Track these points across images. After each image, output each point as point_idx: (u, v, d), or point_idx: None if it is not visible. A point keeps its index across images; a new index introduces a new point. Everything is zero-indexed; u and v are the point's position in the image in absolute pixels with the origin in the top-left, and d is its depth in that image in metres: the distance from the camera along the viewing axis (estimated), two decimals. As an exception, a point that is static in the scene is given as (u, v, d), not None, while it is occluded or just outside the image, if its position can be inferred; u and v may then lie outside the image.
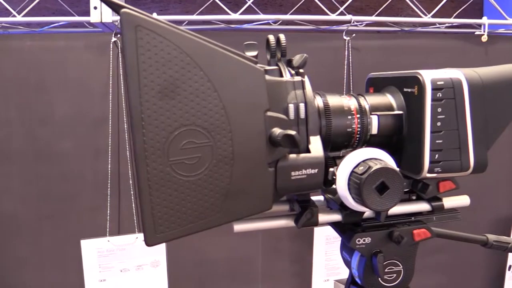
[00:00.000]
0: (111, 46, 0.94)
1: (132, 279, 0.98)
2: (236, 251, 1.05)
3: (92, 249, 0.95)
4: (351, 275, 0.49)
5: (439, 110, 0.43)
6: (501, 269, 1.15)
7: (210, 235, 1.03)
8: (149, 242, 0.34)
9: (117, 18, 0.91)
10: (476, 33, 1.08)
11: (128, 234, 0.98)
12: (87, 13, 0.89)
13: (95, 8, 0.89)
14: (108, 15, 0.89)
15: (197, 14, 1.00)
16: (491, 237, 0.53)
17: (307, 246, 1.04)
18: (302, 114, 0.41)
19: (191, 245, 1.03)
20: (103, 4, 0.88)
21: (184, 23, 1.06)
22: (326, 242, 1.02)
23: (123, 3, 0.34)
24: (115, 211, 1.00)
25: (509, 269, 1.14)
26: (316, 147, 0.41)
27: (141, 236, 0.98)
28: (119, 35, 0.94)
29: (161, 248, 0.98)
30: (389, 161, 0.42)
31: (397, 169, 0.40)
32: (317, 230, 1.02)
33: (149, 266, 0.99)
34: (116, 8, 0.33)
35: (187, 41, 0.34)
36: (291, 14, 1.00)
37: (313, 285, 1.04)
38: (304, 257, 1.05)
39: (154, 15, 0.93)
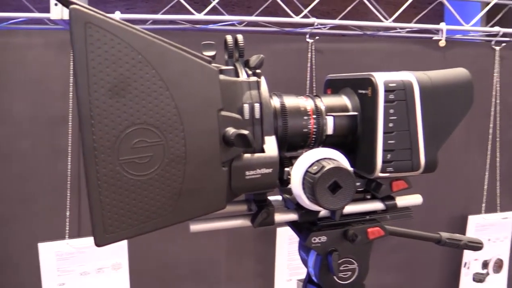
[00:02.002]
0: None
1: (93, 282, 0.96)
2: (199, 252, 1.04)
3: (50, 253, 0.93)
4: (308, 274, 0.50)
5: (391, 111, 0.44)
6: (456, 266, 1.19)
7: (173, 236, 1.02)
8: (99, 242, 0.34)
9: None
10: (434, 38, 1.11)
11: (89, 236, 0.96)
12: (48, 9, 0.86)
13: (56, 4, 0.87)
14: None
15: (162, 14, 0.99)
16: (445, 235, 0.55)
17: (270, 247, 1.04)
18: (257, 114, 0.41)
19: (154, 247, 1.02)
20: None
21: (149, 22, 1.05)
22: (289, 242, 1.03)
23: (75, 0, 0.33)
24: (75, 212, 0.98)
25: (464, 266, 1.18)
26: (270, 147, 0.42)
27: (102, 238, 0.96)
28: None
29: (123, 250, 0.97)
30: (343, 161, 0.42)
31: (350, 168, 0.41)
32: (280, 231, 1.02)
33: (110, 269, 0.97)
34: (66, 4, 0.32)
35: (138, 39, 0.34)
36: (256, 15, 1.01)
37: (275, 285, 1.05)
38: (267, 257, 1.05)
39: (118, 13, 0.91)
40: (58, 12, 0.87)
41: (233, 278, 1.07)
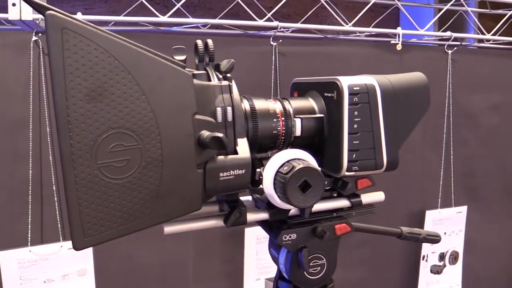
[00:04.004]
0: (32, 45, 0.90)
1: (57, 289, 0.94)
2: (167, 254, 1.04)
3: (12, 260, 0.90)
4: (279, 271, 0.52)
5: (356, 113, 0.47)
6: (416, 259, 1.25)
7: (139, 239, 1.01)
8: (78, 246, 0.34)
9: (38, 16, 0.87)
10: (391, 42, 1.16)
11: (52, 243, 0.94)
12: (5, 9, 0.84)
13: (14, 5, 0.84)
14: (28, 13, 0.85)
15: (124, 15, 0.98)
16: (405, 229, 0.59)
17: (238, 247, 1.05)
18: (230, 117, 0.43)
19: (120, 251, 1.01)
20: (22, 1, 0.84)
21: (111, 24, 1.04)
22: (256, 242, 1.05)
23: (46, 4, 0.33)
24: (37, 219, 0.95)
25: (423, 259, 1.24)
26: (243, 148, 0.43)
27: (66, 244, 0.95)
28: (40, 34, 0.90)
29: (88, 255, 0.95)
30: (311, 161, 0.45)
31: (319, 168, 0.43)
32: (248, 231, 1.04)
33: (76, 275, 0.95)
34: (40, 10, 0.32)
35: (114, 44, 0.34)
36: (220, 18, 1.02)
37: (244, 285, 1.06)
38: (236, 257, 1.07)
39: (79, 14, 0.90)
40: (16, 13, 0.85)
41: (202, 279, 1.08)
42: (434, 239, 0.59)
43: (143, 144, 0.36)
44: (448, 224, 1.26)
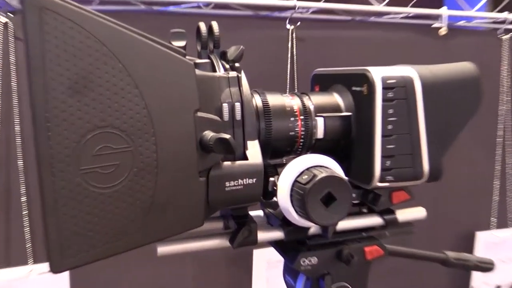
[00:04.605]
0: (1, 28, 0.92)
1: (26, 322, 0.95)
2: (160, 281, 1.05)
3: (-28, 286, 0.92)
4: (295, 303, 0.52)
5: (390, 111, 0.47)
6: (463, 291, 1.24)
7: (128, 261, 1.02)
8: (56, 268, 0.35)
9: (7, -7, 0.89)
10: (434, 25, 1.16)
11: (20, 266, 0.95)
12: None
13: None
14: (-5, -10, 0.87)
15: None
16: (451, 254, 0.59)
17: (246, 272, 1.06)
18: (238, 115, 0.43)
19: (104, 276, 1.02)
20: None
21: (97, 3, 1.05)
22: (267, 266, 1.05)
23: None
24: (2, 238, 0.97)
25: (471, 292, 1.24)
26: (254, 153, 0.44)
27: (37, 267, 0.96)
28: (10, 14, 0.92)
29: (64, 282, 0.96)
30: (336, 169, 0.45)
31: (345, 178, 0.43)
32: (257, 253, 1.04)
33: (48, 305, 0.96)
34: None
35: (103, 27, 0.35)
36: (225, -4, 1.03)
37: (252, 319, 1.07)
38: (242, 285, 1.07)
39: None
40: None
41: (200, 312, 1.08)
42: (486, 267, 0.59)
43: (134, 147, 0.37)
44: (504, 248, 1.25)
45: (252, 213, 0.51)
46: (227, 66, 0.46)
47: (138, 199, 0.37)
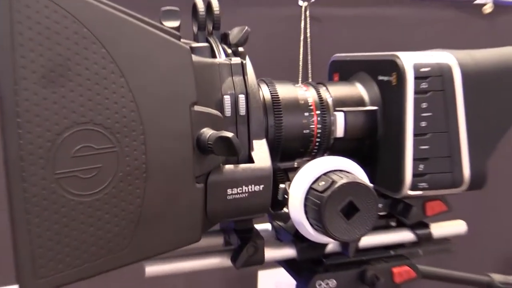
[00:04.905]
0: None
1: None
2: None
3: None
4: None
5: (424, 105, 0.47)
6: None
7: (111, 283, 1.02)
8: (27, 291, 0.35)
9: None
10: (476, 1, 1.16)
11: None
12: None
13: None
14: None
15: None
16: (497, 277, 0.59)
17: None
18: (242, 110, 0.44)
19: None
20: None
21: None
22: (275, 291, 1.05)
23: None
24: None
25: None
26: (261, 154, 0.44)
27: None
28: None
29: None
30: (359, 174, 0.45)
31: (370, 184, 0.44)
32: (263, 274, 1.05)
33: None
34: None
35: (84, 6, 0.35)
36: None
37: None
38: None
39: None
40: None
41: None
42: (539, 292, 0.59)
43: (120, 147, 0.37)
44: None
45: (258, 226, 0.51)
46: (229, 51, 0.46)
47: (124, 209, 0.38)
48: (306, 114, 0.49)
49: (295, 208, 0.45)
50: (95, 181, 0.37)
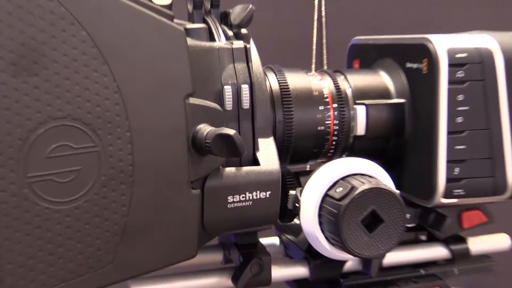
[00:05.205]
0: None
1: None
2: None
3: None
4: None
5: (461, 98, 0.48)
6: None
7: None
8: (-6, 314, 0.36)
9: None
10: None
11: None
12: None
13: None
14: None
15: None
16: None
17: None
18: (246, 103, 0.44)
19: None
20: None
21: None
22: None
23: None
24: None
25: None
26: (268, 155, 0.45)
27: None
28: None
29: None
30: (384, 179, 0.46)
31: (396, 191, 0.44)
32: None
33: None
34: None
35: (59, -20, 0.36)
36: None
37: None
38: None
39: None
40: None
41: None
42: None
43: (102, 146, 0.38)
44: None
45: (264, 241, 0.52)
46: (230, 33, 0.47)
47: (107, 219, 0.38)
48: (321, 107, 0.50)
49: (308, 219, 0.45)
50: (74, 186, 0.37)
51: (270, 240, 0.54)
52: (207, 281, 0.48)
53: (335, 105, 0.50)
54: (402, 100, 0.51)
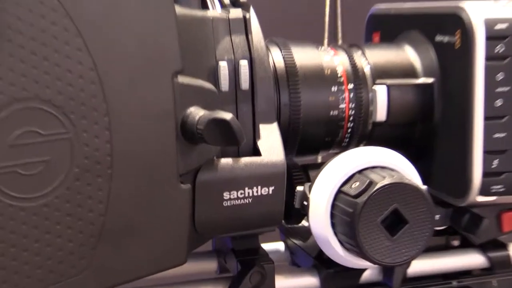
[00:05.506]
0: None
1: None
2: None
3: None
4: None
5: (500, 77, 0.48)
6: None
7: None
8: None
9: None
10: None
11: None
12: None
13: None
14: None
15: None
16: None
17: None
18: (245, 82, 0.45)
19: None
20: None
21: None
22: None
23: None
24: None
25: None
26: (271, 144, 0.45)
27: None
28: None
29: None
30: (408, 172, 0.46)
31: (423, 187, 0.45)
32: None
33: None
34: None
35: None
36: None
37: None
38: None
39: None
40: None
41: None
42: None
43: (76, 133, 0.38)
44: None
45: (267, 246, 0.52)
46: (227, 0, 0.47)
47: (81, 219, 0.39)
48: (334, 88, 0.50)
49: (318, 220, 0.46)
50: (42, 179, 0.37)
51: (273, 246, 0.54)
52: (200, 293, 0.49)
53: (350, 86, 0.51)
54: (430, 80, 0.51)
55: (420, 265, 0.52)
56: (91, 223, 0.39)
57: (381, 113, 0.51)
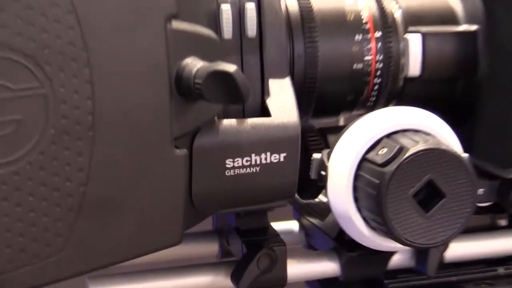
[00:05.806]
0: None
1: None
2: None
3: None
4: None
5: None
6: None
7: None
8: None
9: None
10: None
11: None
12: None
13: None
14: None
15: None
16: None
17: None
18: (252, 28, 0.45)
19: None
20: None
21: None
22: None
23: None
24: None
25: None
26: (282, 103, 0.46)
27: None
28: None
29: None
30: (446, 137, 0.47)
31: (464, 155, 0.45)
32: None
33: None
34: None
35: None
36: None
37: None
38: None
39: None
40: None
41: None
42: None
43: (51, 87, 0.38)
44: None
45: (277, 225, 0.53)
46: None
47: (57, 189, 0.39)
48: (358, 37, 0.51)
49: (339, 193, 0.46)
50: (12, 142, 0.37)
51: (285, 225, 0.54)
52: (198, 280, 0.49)
53: (378, 34, 0.51)
54: (474, 27, 0.51)
55: (460, 248, 0.52)
56: (70, 195, 0.39)
57: (414, 67, 0.51)
